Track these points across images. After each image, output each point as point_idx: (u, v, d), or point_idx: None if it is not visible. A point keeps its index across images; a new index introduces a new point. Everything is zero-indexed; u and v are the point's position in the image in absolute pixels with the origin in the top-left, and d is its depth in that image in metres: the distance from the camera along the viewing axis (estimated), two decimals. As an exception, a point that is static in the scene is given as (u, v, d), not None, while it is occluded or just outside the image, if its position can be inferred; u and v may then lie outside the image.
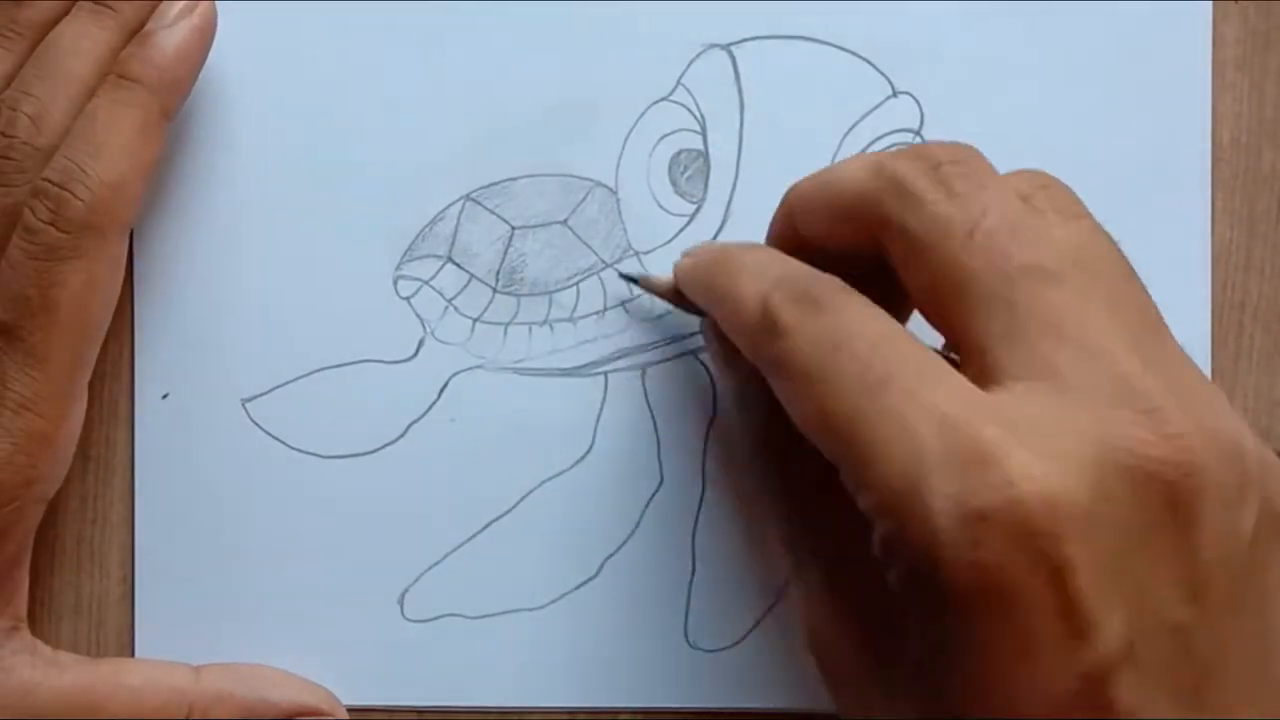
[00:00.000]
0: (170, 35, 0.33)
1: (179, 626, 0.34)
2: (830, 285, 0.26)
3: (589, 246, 0.35)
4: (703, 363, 0.35)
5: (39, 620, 0.34)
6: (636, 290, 0.35)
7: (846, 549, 0.26)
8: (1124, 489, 0.22)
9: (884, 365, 0.24)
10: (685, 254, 0.32)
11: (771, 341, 0.26)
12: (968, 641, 0.22)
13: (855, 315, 0.25)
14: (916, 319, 0.28)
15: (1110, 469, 0.22)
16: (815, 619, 0.27)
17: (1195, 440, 0.23)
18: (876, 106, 0.35)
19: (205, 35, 0.33)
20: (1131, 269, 0.27)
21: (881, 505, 0.23)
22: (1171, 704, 0.23)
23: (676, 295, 0.33)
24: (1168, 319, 0.25)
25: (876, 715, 0.25)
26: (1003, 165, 0.35)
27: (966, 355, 0.25)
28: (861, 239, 0.27)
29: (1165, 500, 0.23)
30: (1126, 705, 0.22)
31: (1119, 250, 0.27)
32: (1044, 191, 0.27)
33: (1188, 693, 0.23)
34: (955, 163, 0.26)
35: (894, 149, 0.27)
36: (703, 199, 0.35)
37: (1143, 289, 0.26)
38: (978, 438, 0.22)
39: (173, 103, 0.33)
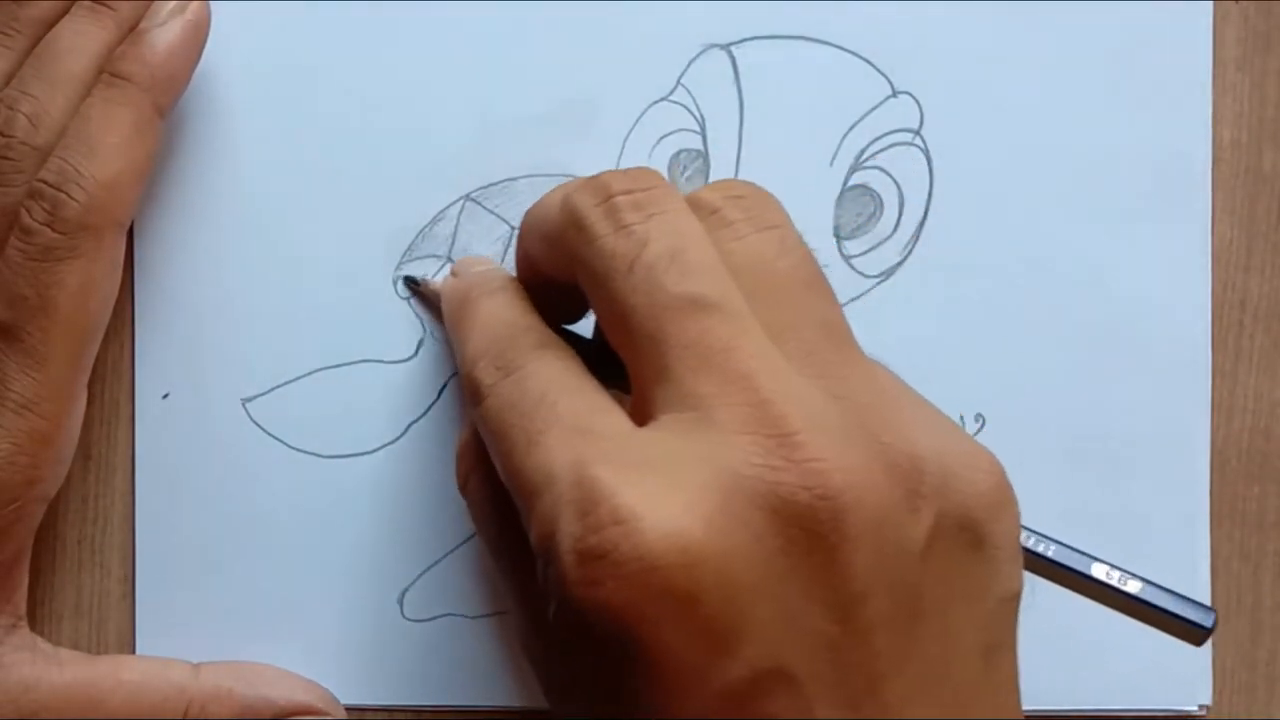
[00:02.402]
0: (162, 33, 0.32)
1: (179, 626, 0.34)
2: (525, 345, 0.27)
3: (589, 246, 0.35)
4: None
5: (40, 619, 0.34)
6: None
7: (531, 584, 0.27)
8: (758, 516, 0.23)
9: (544, 418, 0.25)
10: (454, 270, 0.33)
11: (475, 405, 0.27)
12: (607, 674, 0.23)
13: (532, 372, 0.27)
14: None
15: (739, 498, 0.23)
16: (521, 633, 0.28)
17: (835, 464, 0.23)
18: (876, 106, 0.35)
19: (198, 32, 0.33)
20: (819, 280, 0.27)
21: (536, 548, 0.24)
22: (840, 711, 0.23)
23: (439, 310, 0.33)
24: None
25: None
26: (1003, 165, 0.35)
27: (633, 389, 0.26)
28: (568, 268, 0.28)
29: (803, 525, 0.23)
30: (785, 718, 0.23)
31: (810, 261, 0.27)
32: (736, 202, 0.27)
33: (861, 698, 0.23)
34: (627, 193, 0.26)
35: (584, 179, 0.28)
36: (702, 199, 0.35)
37: (829, 301, 0.26)
38: (594, 478, 0.23)
39: (166, 100, 0.33)
